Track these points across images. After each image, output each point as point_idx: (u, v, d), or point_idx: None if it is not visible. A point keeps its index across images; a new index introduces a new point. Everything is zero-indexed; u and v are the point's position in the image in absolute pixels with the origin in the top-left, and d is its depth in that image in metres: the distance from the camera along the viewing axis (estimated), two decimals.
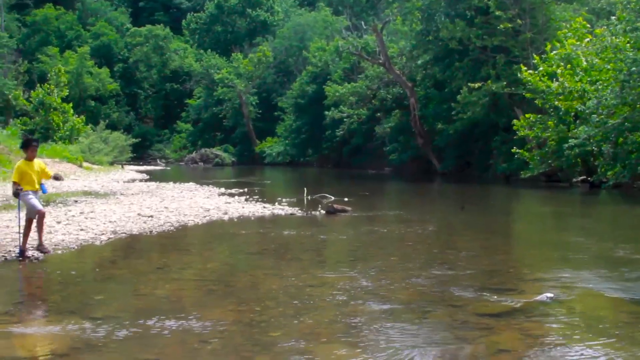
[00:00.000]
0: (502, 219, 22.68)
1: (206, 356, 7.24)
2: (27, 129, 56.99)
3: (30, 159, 13.42)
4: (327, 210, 22.18)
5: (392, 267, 12.33)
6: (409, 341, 7.55)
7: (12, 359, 6.99)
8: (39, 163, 13.64)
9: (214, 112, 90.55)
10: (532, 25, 42.37)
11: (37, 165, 13.50)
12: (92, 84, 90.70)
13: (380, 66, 57.14)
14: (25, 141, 13.73)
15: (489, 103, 43.42)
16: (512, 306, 9.09)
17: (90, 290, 10.37)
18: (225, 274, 11.75)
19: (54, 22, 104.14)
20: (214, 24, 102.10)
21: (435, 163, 52.11)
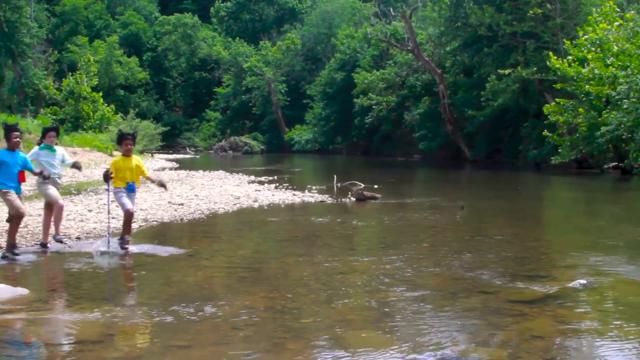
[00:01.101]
0: (532, 206, 22.55)
1: (238, 343, 7.25)
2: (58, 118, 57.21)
3: (126, 154, 12.95)
4: (357, 198, 22.18)
5: (423, 253, 12.30)
6: (441, 328, 7.53)
7: (45, 345, 7.04)
8: (136, 159, 13.10)
9: (243, 100, 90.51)
10: (562, 11, 41.97)
11: (134, 162, 12.98)
12: (121, 73, 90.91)
13: (409, 53, 56.85)
14: (119, 136, 13.24)
15: (519, 89, 43.11)
16: (544, 293, 9.04)
17: (122, 277, 10.43)
18: (256, 261, 11.77)
19: (82, 11, 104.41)
20: (242, 12, 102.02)
21: (464, 150, 51.85)
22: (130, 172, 12.79)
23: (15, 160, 11.95)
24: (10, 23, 58.77)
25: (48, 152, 13.14)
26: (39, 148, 13.14)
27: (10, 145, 12.04)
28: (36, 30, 65.33)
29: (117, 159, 13.05)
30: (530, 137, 43.77)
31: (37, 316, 8.05)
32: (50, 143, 13.18)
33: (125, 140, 12.86)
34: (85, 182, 29.62)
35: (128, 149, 12.84)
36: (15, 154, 12.02)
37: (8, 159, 11.85)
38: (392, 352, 6.70)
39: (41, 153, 13.09)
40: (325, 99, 74.21)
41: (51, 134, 13.29)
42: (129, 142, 12.84)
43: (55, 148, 13.28)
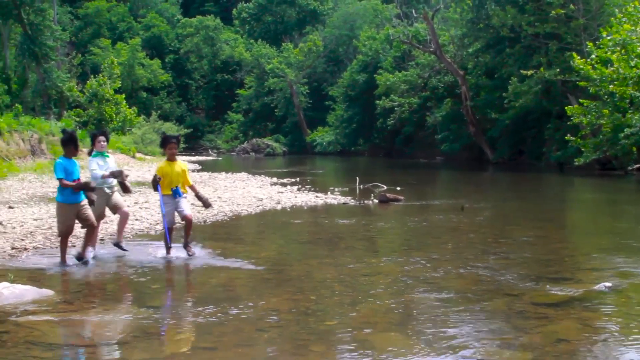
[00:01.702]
0: (556, 207, 22.47)
1: (262, 345, 7.26)
2: (81, 120, 57.55)
3: (171, 158, 12.40)
4: (379, 200, 22.17)
5: (446, 255, 12.28)
6: (466, 330, 7.52)
7: (71, 346, 7.08)
8: (181, 164, 12.58)
9: (265, 102, 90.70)
10: (585, 11, 41.77)
11: (179, 167, 12.47)
12: (143, 75, 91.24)
13: (431, 54, 56.77)
14: (163, 139, 12.69)
15: (542, 90, 42.93)
16: (569, 295, 9.00)
17: (146, 279, 10.46)
18: (279, 262, 11.78)
19: (105, 14, 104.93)
20: (264, 13, 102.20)
21: (487, 152, 51.69)
22: (176, 177, 12.31)
23: (73, 168, 11.40)
24: (34, 26, 59.08)
25: (101, 159, 12.47)
26: (92, 156, 12.48)
27: (70, 154, 11.55)
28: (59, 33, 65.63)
29: (162, 164, 12.48)
30: (553, 139, 43.60)
31: (62, 317, 8.09)
32: (101, 149, 12.55)
33: (170, 143, 12.39)
34: None
35: (172, 152, 12.39)
36: (74, 163, 11.52)
37: (70, 167, 11.35)
38: (416, 355, 6.69)
39: (97, 161, 12.39)
40: (347, 101, 74.21)
41: (100, 139, 12.57)
42: (174, 146, 12.41)
43: (107, 154, 12.77)
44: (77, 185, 11.22)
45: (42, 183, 27.91)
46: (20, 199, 21.82)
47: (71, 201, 11.31)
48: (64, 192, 11.27)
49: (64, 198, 11.31)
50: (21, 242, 13.07)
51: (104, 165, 12.37)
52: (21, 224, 15.25)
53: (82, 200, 11.45)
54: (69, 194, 11.27)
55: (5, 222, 15.36)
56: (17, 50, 61.24)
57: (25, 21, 58.37)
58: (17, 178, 28.94)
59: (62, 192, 11.32)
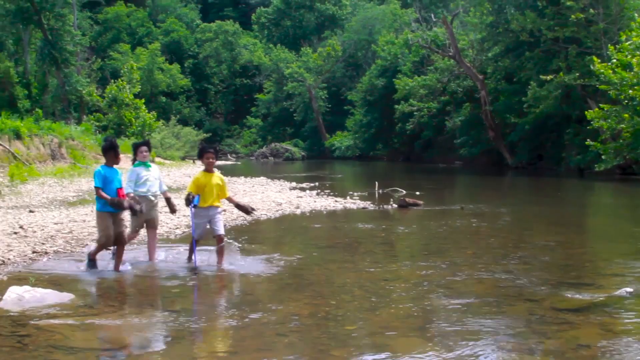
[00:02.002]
0: (576, 212, 22.38)
1: (283, 349, 7.27)
2: (100, 124, 57.77)
3: (208, 169, 11.90)
4: (399, 204, 22.14)
5: (466, 260, 12.25)
6: (486, 336, 7.50)
7: (92, 350, 7.10)
8: (219, 177, 12.08)
9: (284, 107, 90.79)
10: (605, 15, 41.58)
11: (217, 179, 11.97)
12: (163, 80, 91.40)
13: (450, 59, 56.66)
14: (200, 149, 12.18)
15: (561, 95, 42.76)
16: (590, 301, 8.96)
17: (167, 283, 10.48)
18: (299, 267, 11.77)
19: (125, 19, 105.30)
20: (283, 18, 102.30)
21: (506, 156, 51.49)
22: (211, 189, 11.77)
23: (115, 176, 11.16)
24: (54, 31, 59.45)
25: (143, 169, 12.31)
26: (134, 166, 12.35)
27: (111, 162, 11.31)
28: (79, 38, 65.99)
29: (198, 175, 11.90)
30: (572, 144, 43.40)
31: (83, 321, 8.12)
32: (144, 159, 12.33)
33: (207, 153, 11.82)
34: None
35: (210, 162, 11.81)
36: (115, 171, 11.26)
37: (110, 175, 11.11)
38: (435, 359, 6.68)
39: (138, 171, 12.25)
40: (366, 105, 74.11)
41: (142, 149, 12.40)
42: (211, 156, 11.82)
43: (150, 164, 12.55)
44: (111, 202, 10.89)
45: (62, 187, 28.05)
46: (41, 203, 21.94)
47: (110, 210, 11.02)
48: (102, 200, 11.01)
49: (102, 206, 11.05)
50: (42, 246, 13.13)
51: (145, 175, 12.21)
52: (42, 227, 15.33)
53: (121, 211, 11.21)
54: (104, 204, 11.00)
55: (26, 226, 15.44)
56: (38, 55, 61.62)
57: (45, 26, 58.73)
58: (37, 182, 29.10)
59: (99, 200, 11.07)
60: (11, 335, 7.55)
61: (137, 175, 12.12)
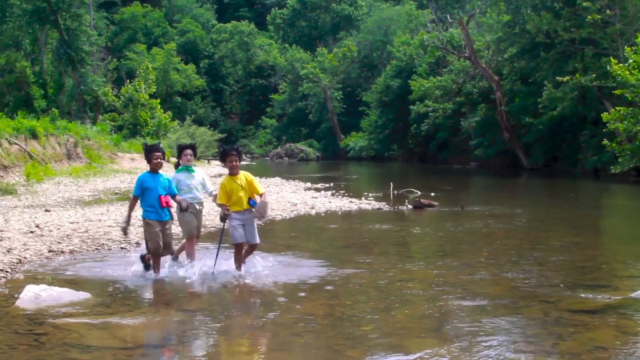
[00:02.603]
0: (592, 214, 22.30)
1: (298, 349, 7.28)
2: (116, 124, 58.00)
3: (233, 173, 11.07)
4: (414, 205, 22.12)
5: (481, 262, 12.22)
6: (502, 337, 7.48)
7: (107, 349, 7.11)
8: (245, 176, 11.23)
9: (299, 107, 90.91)
10: (621, 16, 41.36)
11: (244, 179, 11.16)
12: (178, 80, 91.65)
13: (465, 60, 56.53)
14: (222, 152, 11.31)
15: (577, 96, 42.59)
16: (606, 303, 8.93)
17: (181, 283, 10.50)
18: (314, 267, 11.75)
19: (140, 19, 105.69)
20: (298, 19, 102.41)
21: (522, 158, 51.34)
22: (245, 192, 11.08)
23: (159, 183, 10.79)
24: (70, 31, 59.71)
25: (186, 174, 11.85)
26: (177, 171, 11.94)
27: (152, 167, 10.92)
28: (95, 38, 66.24)
29: (224, 181, 11.07)
30: (588, 145, 43.23)
31: (99, 320, 8.15)
32: (187, 163, 11.86)
33: (230, 156, 11.04)
34: None
35: (233, 165, 11.01)
36: (158, 177, 10.87)
37: (151, 183, 10.74)
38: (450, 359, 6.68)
39: (180, 177, 11.78)
40: (381, 106, 74.00)
41: (186, 152, 11.89)
42: (234, 158, 11.04)
43: (194, 169, 12.02)
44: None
45: (78, 187, 28.17)
46: (57, 202, 22.03)
47: (154, 218, 10.73)
48: (150, 207, 10.73)
49: (146, 214, 10.76)
50: (58, 245, 13.18)
51: (188, 181, 11.76)
52: (58, 227, 15.39)
53: (167, 219, 10.93)
54: (150, 210, 10.74)
55: (42, 225, 15.51)
56: (54, 55, 61.88)
57: (61, 26, 59.01)
58: (53, 181, 29.23)
59: (142, 206, 10.80)
60: (28, 333, 7.59)
61: (178, 182, 11.63)
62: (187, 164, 11.83)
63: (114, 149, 45.55)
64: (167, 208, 10.89)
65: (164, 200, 10.72)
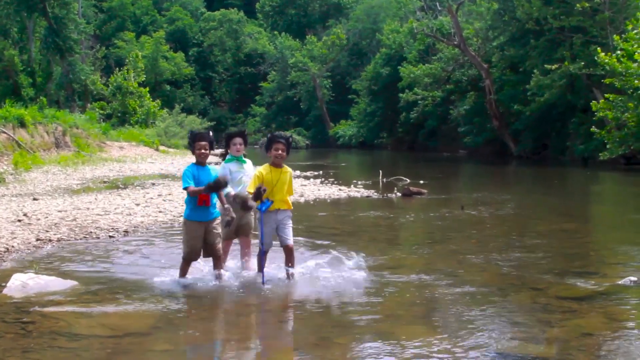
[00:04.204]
0: (580, 201, 22.38)
1: (286, 337, 7.29)
2: (105, 113, 57.93)
3: (276, 163, 9.51)
4: (403, 193, 22.12)
5: (470, 249, 12.22)
6: (490, 324, 7.49)
7: (95, 337, 7.08)
8: (289, 173, 9.81)
9: (288, 95, 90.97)
10: (610, 4, 41.36)
11: (286, 176, 9.73)
12: (167, 68, 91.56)
13: (455, 48, 56.52)
14: (269, 139, 9.67)
15: (566, 84, 42.63)
16: (594, 290, 8.94)
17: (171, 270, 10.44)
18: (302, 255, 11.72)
19: (129, 7, 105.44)
20: (287, 6, 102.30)
21: (510, 146, 51.41)
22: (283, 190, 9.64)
23: (206, 177, 9.19)
24: (59, 19, 59.47)
25: (237, 166, 10.38)
26: (225, 161, 10.43)
27: (196, 159, 9.37)
28: (84, 26, 66.04)
29: (262, 170, 9.42)
30: (577, 133, 43.32)
31: (87, 308, 8.12)
32: (237, 153, 10.37)
33: (276, 143, 9.45)
34: (131, 176, 29.84)
35: (278, 155, 9.43)
36: (206, 170, 9.34)
37: (196, 175, 9.23)
38: (441, 348, 6.66)
39: (232, 168, 10.28)
40: (371, 94, 74.02)
41: (236, 140, 10.38)
42: (281, 147, 9.47)
43: (245, 159, 10.58)
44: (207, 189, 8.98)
45: (66, 175, 28.09)
46: (45, 190, 21.96)
47: (196, 218, 9.23)
48: (189, 205, 9.28)
49: (188, 213, 9.29)
50: (46, 233, 13.13)
51: (239, 174, 10.24)
52: (46, 215, 15.33)
53: (213, 219, 9.35)
54: (193, 209, 9.23)
55: (30, 213, 15.45)
56: (42, 44, 61.62)
57: (49, 14, 58.78)
58: (41, 170, 29.14)
59: (187, 205, 9.33)
60: (15, 322, 7.55)
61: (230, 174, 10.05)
62: (237, 154, 10.36)
63: (103, 137, 45.40)
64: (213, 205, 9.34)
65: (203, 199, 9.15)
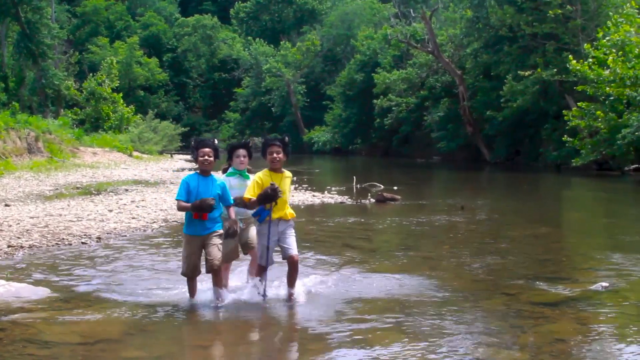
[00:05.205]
0: (553, 207, 22.49)
1: (259, 344, 7.29)
2: (78, 118, 57.64)
3: (275, 168, 8.83)
4: (376, 199, 22.15)
5: (443, 255, 12.28)
6: (463, 329, 7.51)
7: (66, 344, 7.05)
8: (288, 177, 9.12)
9: (262, 101, 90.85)
10: (582, 12, 41.71)
11: (287, 181, 9.05)
12: (141, 73, 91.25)
13: (429, 54, 56.71)
14: (264, 143, 9.01)
15: (539, 91, 42.88)
16: (566, 295, 9.01)
17: (144, 277, 10.42)
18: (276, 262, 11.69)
19: (103, 12, 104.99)
20: (262, 12, 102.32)
21: (484, 152, 51.64)
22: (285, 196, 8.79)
23: (207, 188, 8.54)
24: (31, 24, 59.16)
25: (239, 181, 9.49)
26: (227, 174, 9.56)
27: (199, 167, 8.78)
28: (57, 31, 65.75)
29: (260, 175, 8.74)
30: (550, 139, 43.55)
31: (58, 315, 8.07)
32: (240, 167, 9.54)
33: (271, 147, 8.81)
34: (105, 182, 29.71)
35: (274, 158, 8.75)
36: (209, 180, 8.64)
37: (195, 186, 8.58)
38: (413, 353, 6.67)
39: (233, 183, 9.38)
40: (345, 100, 74.05)
41: (239, 152, 9.56)
42: (277, 149, 8.80)
43: (248, 174, 9.56)
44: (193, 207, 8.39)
45: (39, 181, 27.91)
46: (17, 197, 21.81)
47: (191, 232, 8.58)
48: (185, 218, 8.70)
49: (185, 226, 8.70)
50: (17, 240, 13.04)
51: (241, 189, 9.16)
52: (17, 222, 15.22)
53: (211, 232, 8.56)
54: (188, 222, 8.59)
55: (1, 219, 15.34)
56: (14, 49, 61.32)
57: (22, 19, 58.46)
58: (13, 176, 28.95)
59: (185, 218, 8.74)
60: None
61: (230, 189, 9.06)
62: (240, 168, 9.54)
63: (76, 143, 45.17)
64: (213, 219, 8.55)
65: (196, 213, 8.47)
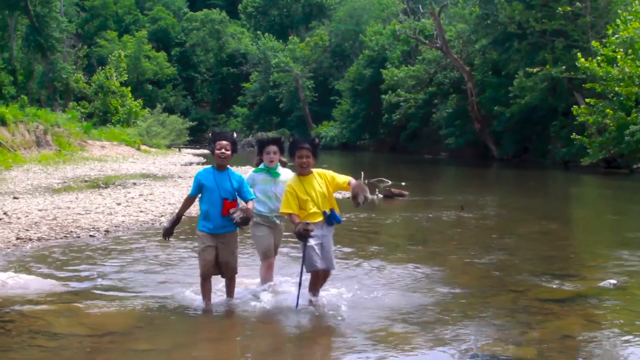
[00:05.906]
0: (561, 205, 22.44)
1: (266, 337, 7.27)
2: (86, 112, 57.68)
3: (302, 172, 8.18)
4: (384, 195, 22.12)
5: (451, 251, 12.27)
6: (471, 326, 7.51)
7: (74, 336, 7.06)
8: (320, 175, 8.33)
9: (270, 96, 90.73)
10: (592, 9, 41.56)
11: (320, 180, 8.27)
12: (149, 67, 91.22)
13: (437, 50, 56.62)
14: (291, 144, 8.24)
15: (548, 88, 42.76)
16: (574, 292, 8.99)
17: (152, 270, 10.43)
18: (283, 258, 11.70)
19: (112, 6, 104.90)
20: (270, 7, 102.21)
21: (492, 148, 51.52)
22: (321, 195, 8.22)
23: (222, 183, 8.05)
24: (40, 17, 59.24)
25: (267, 178, 8.85)
26: (254, 171, 8.96)
27: (215, 161, 8.20)
28: (66, 24, 65.80)
29: (292, 184, 8.11)
30: (558, 136, 43.44)
31: (66, 307, 8.09)
32: (270, 164, 8.81)
33: (300, 150, 8.09)
34: (113, 175, 29.74)
35: (303, 162, 8.08)
36: (225, 175, 8.13)
37: (211, 182, 8.05)
38: (421, 350, 6.68)
39: (257, 178, 8.86)
40: (353, 96, 73.94)
41: (269, 149, 8.80)
42: (305, 153, 8.09)
43: (279, 172, 8.89)
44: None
45: (47, 174, 27.95)
46: (25, 189, 21.85)
47: (203, 229, 8.15)
48: (200, 215, 8.26)
49: (199, 223, 8.24)
50: (26, 232, 13.06)
51: (266, 186, 8.82)
52: (26, 214, 15.25)
53: (225, 233, 8.13)
54: (204, 219, 8.16)
55: (10, 212, 15.37)
56: (23, 42, 61.40)
57: (31, 13, 58.54)
58: (22, 169, 29.00)
59: (200, 215, 8.27)
60: None
61: (253, 184, 8.74)
62: (270, 165, 8.82)
63: (84, 136, 45.19)
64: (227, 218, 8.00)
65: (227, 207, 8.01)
